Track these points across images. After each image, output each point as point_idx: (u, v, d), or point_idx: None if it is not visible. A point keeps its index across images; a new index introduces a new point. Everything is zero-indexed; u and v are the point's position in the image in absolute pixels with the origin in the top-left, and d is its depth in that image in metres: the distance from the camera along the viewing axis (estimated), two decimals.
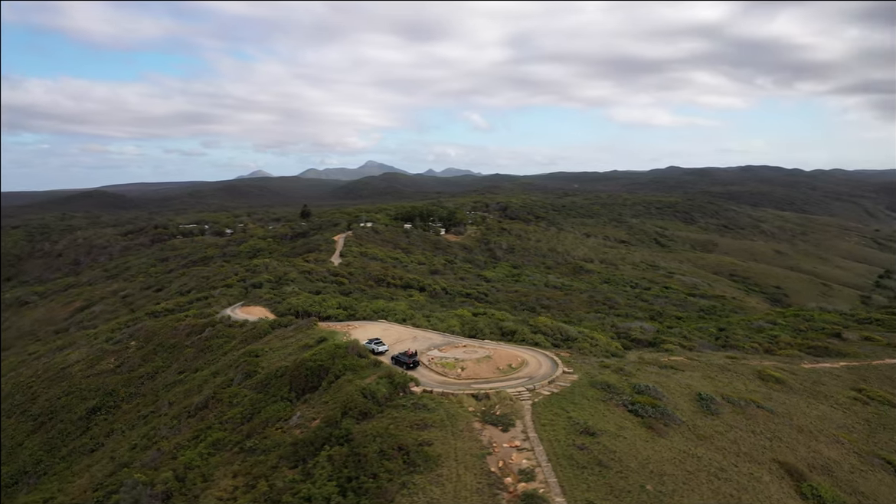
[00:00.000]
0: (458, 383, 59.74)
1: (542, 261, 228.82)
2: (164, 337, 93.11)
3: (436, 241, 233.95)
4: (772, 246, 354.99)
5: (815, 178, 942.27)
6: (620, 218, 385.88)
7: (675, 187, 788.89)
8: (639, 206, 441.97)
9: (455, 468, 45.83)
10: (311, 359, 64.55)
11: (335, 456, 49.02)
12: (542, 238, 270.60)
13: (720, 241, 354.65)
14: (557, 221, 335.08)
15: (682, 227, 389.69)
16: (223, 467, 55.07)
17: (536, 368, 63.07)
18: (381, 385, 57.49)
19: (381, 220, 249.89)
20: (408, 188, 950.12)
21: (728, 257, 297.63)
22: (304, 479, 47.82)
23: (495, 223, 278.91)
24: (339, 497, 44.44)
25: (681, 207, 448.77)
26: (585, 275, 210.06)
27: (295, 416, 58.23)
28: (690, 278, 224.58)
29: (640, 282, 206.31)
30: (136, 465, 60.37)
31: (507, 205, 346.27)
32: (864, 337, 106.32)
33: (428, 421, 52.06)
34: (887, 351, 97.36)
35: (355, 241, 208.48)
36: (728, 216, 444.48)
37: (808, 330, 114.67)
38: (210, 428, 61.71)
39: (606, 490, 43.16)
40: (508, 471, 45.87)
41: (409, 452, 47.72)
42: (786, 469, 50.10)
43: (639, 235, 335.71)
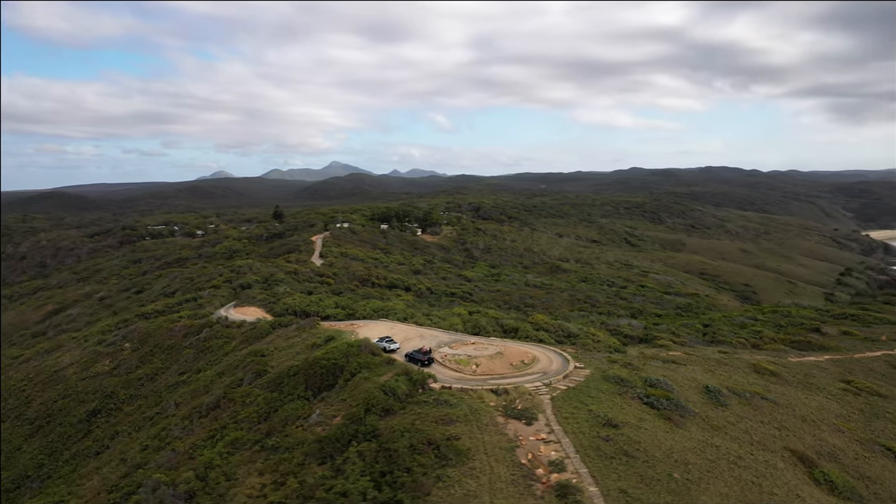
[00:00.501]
0: (475, 379, 60.84)
1: (520, 261, 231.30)
2: (160, 338, 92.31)
3: (413, 241, 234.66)
4: (738, 245, 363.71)
5: (774, 179, 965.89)
6: (591, 218, 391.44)
7: (641, 188, 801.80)
8: (607, 206, 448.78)
9: (486, 461, 46.93)
10: (325, 357, 65.03)
11: (365, 452, 49.74)
12: (518, 238, 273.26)
13: (688, 240, 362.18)
14: (530, 221, 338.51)
15: (651, 227, 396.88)
16: (245, 466, 55.34)
17: (548, 364, 64.50)
18: (400, 382, 58.30)
19: (357, 221, 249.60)
20: (374, 189, 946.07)
21: (697, 256, 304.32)
22: (335, 475, 48.44)
23: (470, 224, 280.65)
24: (374, 491, 45.21)
25: (648, 207, 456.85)
26: (563, 274, 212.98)
27: (314, 413, 58.68)
28: (664, 277, 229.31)
29: (617, 280, 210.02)
30: (150, 465, 60.18)
31: (479, 205, 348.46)
32: (843, 332, 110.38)
33: (452, 416, 53.05)
34: (865, 345, 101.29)
35: (334, 242, 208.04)
36: (694, 216, 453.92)
37: (787, 325, 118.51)
38: (225, 427, 61.80)
39: (637, 479, 44.71)
40: (538, 463, 47.13)
41: (439, 447, 48.68)
42: (797, 456, 52.35)
43: (609, 235, 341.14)
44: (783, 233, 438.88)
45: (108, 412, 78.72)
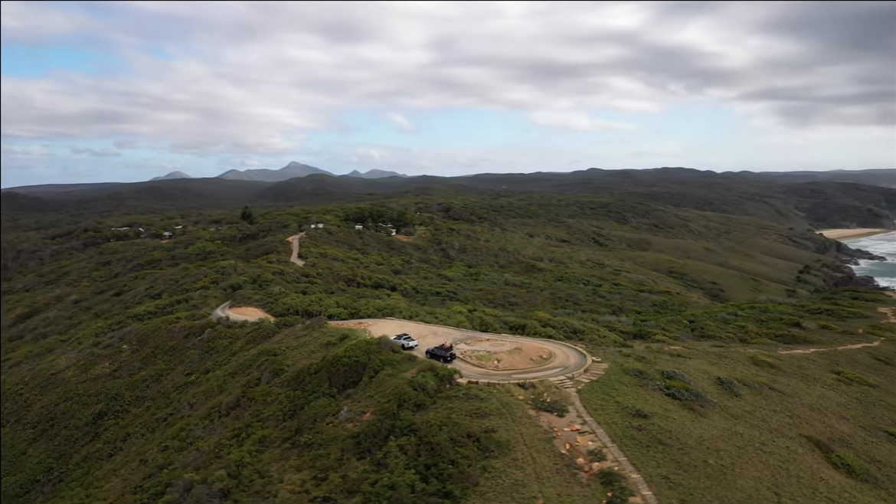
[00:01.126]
0: (498, 374, 62.33)
1: (495, 260, 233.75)
2: (160, 340, 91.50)
3: (389, 241, 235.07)
4: (701, 244, 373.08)
5: (728, 180, 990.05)
6: (558, 218, 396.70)
7: (602, 188, 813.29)
8: (573, 206, 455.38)
9: (527, 452, 48.42)
10: (346, 355, 65.69)
11: (406, 446, 50.76)
12: (491, 238, 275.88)
13: (653, 239, 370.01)
14: (499, 222, 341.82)
15: (617, 227, 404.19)
16: (277, 463, 55.83)
17: (566, 359, 66.36)
18: (427, 377, 59.41)
19: (331, 222, 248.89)
20: (337, 189, 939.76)
21: (664, 255, 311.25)
22: (378, 469, 49.34)
23: (444, 224, 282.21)
24: (422, 484, 46.30)
25: (613, 208, 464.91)
26: (538, 273, 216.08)
27: (343, 410, 59.37)
28: (636, 275, 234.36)
29: (591, 279, 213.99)
30: (175, 465, 60.14)
31: (449, 206, 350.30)
32: (822, 326, 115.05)
33: (485, 410, 54.40)
34: (845, 338, 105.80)
35: (311, 243, 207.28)
36: (657, 216, 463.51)
37: (768, 320, 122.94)
38: (249, 426, 62.07)
39: (675, 465, 46.75)
40: (577, 452, 48.83)
41: (479, 439, 49.99)
42: (813, 442, 55.13)
43: (578, 235, 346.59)
44: (742, 232, 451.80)
45: (115, 414, 77.94)
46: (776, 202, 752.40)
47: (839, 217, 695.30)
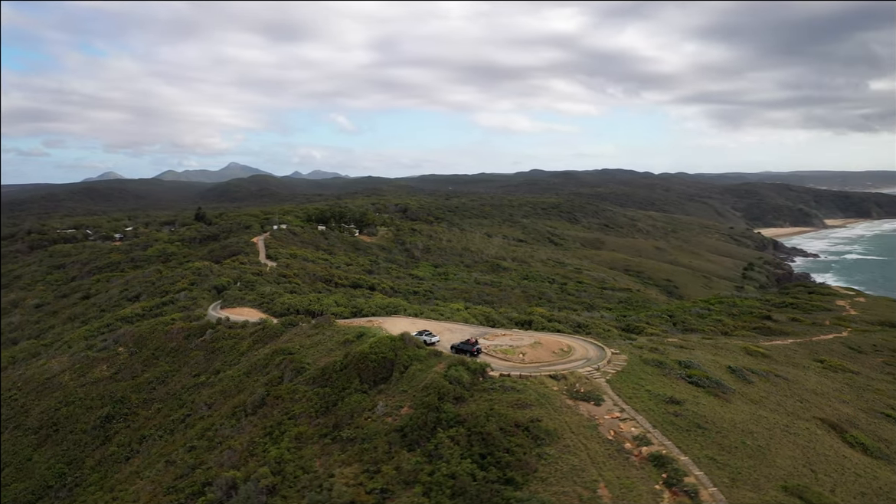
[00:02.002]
0: (526, 367, 64.35)
1: (460, 260, 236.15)
2: (159, 341, 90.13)
3: (354, 242, 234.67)
4: (651, 243, 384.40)
5: (668, 181, 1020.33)
6: (513, 218, 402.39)
7: (547, 189, 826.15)
8: (525, 207, 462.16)
9: (576, 439, 50.61)
10: (373, 352, 66.51)
11: (456, 436, 52.24)
12: (453, 238, 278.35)
13: (606, 238, 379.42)
14: (456, 222, 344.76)
15: (570, 227, 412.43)
16: (320, 458, 56.49)
17: (585, 352, 68.93)
18: (460, 371, 60.95)
19: (293, 223, 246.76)
20: (282, 190, 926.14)
21: (618, 254, 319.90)
22: (431, 460, 50.68)
23: (405, 224, 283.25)
24: (481, 472, 47.94)
25: (564, 208, 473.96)
26: (504, 272, 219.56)
27: (378, 405, 60.31)
28: (596, 274, 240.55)
29: (556, 278, 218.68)
30: (208, 465, 60.03)
31: (406, 206, 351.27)
32: (791, 318, 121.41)
33: (524, 400, 56.33)
34: (816, 329, 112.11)
35: (277, 244, 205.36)
36: (607, 216, 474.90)
37: (739, 314, 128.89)
38: (281, 424, 62.37)
39: (717, 447, 49.74)
40: (623, 438, 51.28)
41: (527, 428, 51.91)
42: (828, 424, 59.11)
43: (533, 235, 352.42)
44: (688, 231, 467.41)
45: (124, 417, 76.70)
46: (714, 202, 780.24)
47: (773, 216, 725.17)
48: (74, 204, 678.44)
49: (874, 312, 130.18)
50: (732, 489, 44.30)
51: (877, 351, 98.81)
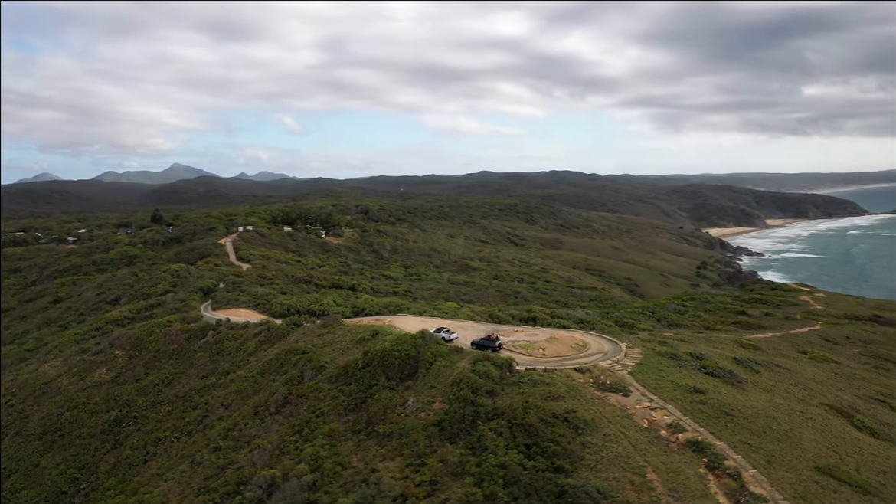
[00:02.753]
0: (548, 361, 66.40)
1: (429, 260, 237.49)
2: (158, 344, 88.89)
3: (322, 243, 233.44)
4: (608, 243, 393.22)
5: (616, 182, 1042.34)
6: (472, 219, 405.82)
7: (499, 190, 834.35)
8: (483, 207, 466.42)
9: (615, 428, 52.84)
10: (395, 349, 67.42)
11: (498, 428, 53.82)
12: (419, 239, 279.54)
13: (565, 239, 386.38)
14: (417, 223, 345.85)
15: (528, 227, 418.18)
16: (357, 454, 57.27)
17: (600, 346, 71.39)
18: (488, 366, 62.58)
19: (258, 224, 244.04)
20: (231, 192, 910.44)
21: (578, 253, 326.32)
22: (475, 452, 52.13)
23: (371, 226, 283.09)
24: (530, 462, 49.64)
25: (521, 209, 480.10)
26: (474, 272, 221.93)
27: (409, 401, 61.37)
28: (562, 273, 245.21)
29: (525, 277, 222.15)
30: (239, 464, 60.07)
31: (367, 208, 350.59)
32: (765, 313, 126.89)
33: (556, 393, 58.31)
34: (790, 323, 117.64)
35: (246, 245, 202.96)
36: (563, 216, 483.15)
37: (714, 310, 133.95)
38: (310, 422, 62.78)
39: (747, 433, 52.64)
40: (658, 426, 53.75)
41: (566, 419, 53.86)
42: (835, 409, 62.86)
43: (494, 235, 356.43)
44: (641, 231, 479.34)
45: (133, 421, 75.67)
46: (661, 203, 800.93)
47: (717, 217, 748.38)
48: (14, 206, 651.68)
49: (837, 307, 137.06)
50: (770, 470, 47.12)
51: (850, 342, 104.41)
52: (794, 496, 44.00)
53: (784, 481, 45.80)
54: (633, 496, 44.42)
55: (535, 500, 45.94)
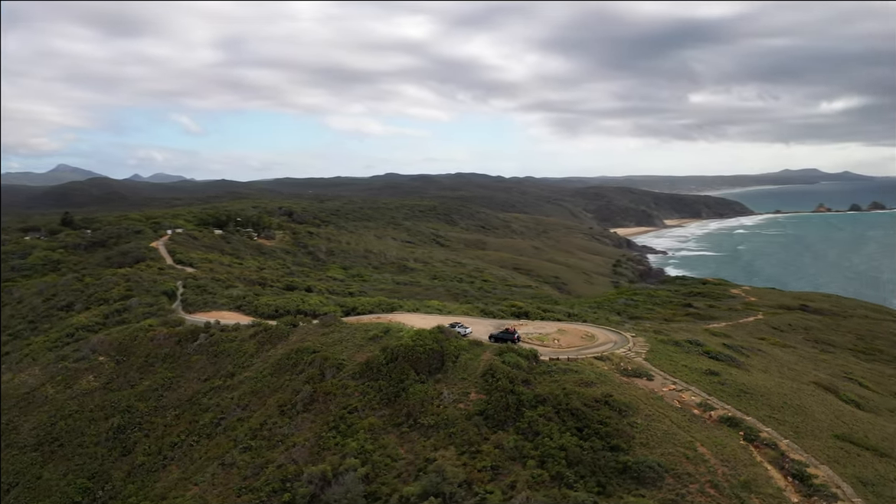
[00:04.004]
0: (565, 351, 70.21)
1: (367, 262, 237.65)
2: (146, 348, 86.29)
3: (256, 245, 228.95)
4: (529, 243, 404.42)
5: (523, 184, 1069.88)
6: (395, 221, 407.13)
7: (410, 192, 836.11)
8: (403, 209, 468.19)
9: (652, 409, 57.18)
10: (418, 344, 69.15)
11: (547, 414, 57.03)
12: (351, 241, 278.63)
13: (487, 239, 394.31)
14: (342, 225, 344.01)
15: (450, 229, 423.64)
16: (403, 446, 59.06)
17: (607, 337, 75.94)
18: (516, 358, 65.70)
19: (186, 227, 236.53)
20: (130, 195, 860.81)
21: (503, 253, 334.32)
22: (529, 437, 55.10)
23: (301, 228, 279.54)
24: (586, 442, 53.12)
25: (440, 210, 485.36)
26: (413, 273, 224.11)
27: (444, 393, 63.54)
28: (496, 272, 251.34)
29: (462, 277, 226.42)
30: (279, 463, 60.35)
31: (290, 210, 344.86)
32: (709, 305, 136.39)
33: (587, 380, 62.19)
34: (735, 314, 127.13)
35: (181, 248, 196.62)
36: (482, 217, 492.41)
37: (662, 304, 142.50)
38: (343, 418, 63.77)
39: (769, 408, 58.28)
40: (689, 406, 58.54)
41: (607, 402, 57.81)
42: (822, 386, 69.97)
43: (419, 237, 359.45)
44: (556, 231, 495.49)
45: (137, 426, 73.77)
46: (568, 204, 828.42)
47: (620, 217, 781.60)
48: None
49: (769, 299, 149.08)
50: (800, 440, 52.74)
51: (793, 329, 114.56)
52: (828, 460, 49.62)
53: (815, 448, 51.43)
54: (690, 468, 48.71)
55: (601, 478, 49.44)
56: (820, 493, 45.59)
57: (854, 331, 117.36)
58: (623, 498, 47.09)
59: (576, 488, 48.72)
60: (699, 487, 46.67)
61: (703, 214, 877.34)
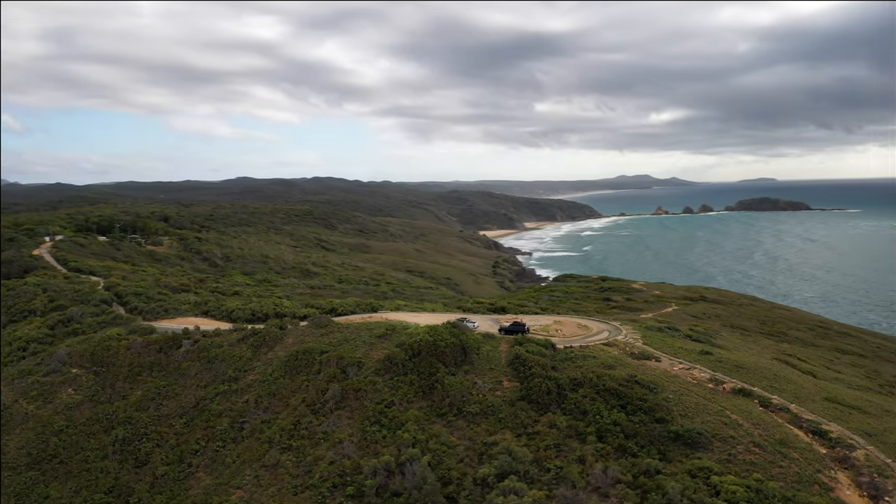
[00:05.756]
0: (569, 340, 76.25)
1: (268, 267, 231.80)
2: (127, 358, 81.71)
3: (147, 252, 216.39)
4: (411, 246, 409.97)
5: (385, 188, 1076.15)
6: (275, 226, 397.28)
7: (272, 196, 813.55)
8: (280, 214, 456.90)
9: (675, 385, 64.56)
10: (438, 339, 72.11)
11: (589, 394, 62.64)
12: (244, 246, 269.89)
13: (370, 243, 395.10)
14: (222, 230, 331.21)
15: (330, 233, 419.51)
16: (453, 434, 62.39)
17: (599, 327, 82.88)
18: (537, 347, 70.91)
19: (66, 233, 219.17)
20: None
21: (391, 256, 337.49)
22: (578, 416, 60.59)
23: (190, 234, 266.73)
24: (635, 417, 59.34)
25: (317, 214, 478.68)
26: (317, 277, 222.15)
27: (477, 383, 67.46)
28: (396, 275, 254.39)
29: (367, 279, 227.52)
30: (330, 459, 61.60)
31: (166, 215, 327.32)
32: (626, 298, 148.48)
33: (607, 363, 68.63)
34: (653, 305, 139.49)
35: (71, 256, 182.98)
36: (359, 222, 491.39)
37: (582, 298, 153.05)
38: (382, 412, 65.78)
39: (765, 380, 67.59)
40: (702, 381, 66.48)
41: (636, 381, 64.49)
42: (782, 361, 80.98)
43: (303, 241, 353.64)
44: (432, 234, 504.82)
45: (144, 437, 70.92)
46: (433, 208, 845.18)
47: (483, 220, 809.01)
48: None
49: (669, 291, 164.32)
50: (802, 403, 62.17)
51: (707, 317, 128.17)
52: (833, 419, 59.16)
53: (817, 410, 60.92)
54: (731, 431, 56.28)
55: (660, 446, 55.79)
56: (840, 444, 54.59)
57: (755, 317, 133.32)
58: (683, 462, 53.64)
59: (640, 456, 54.69)
60: (745, 447, 54.15)
61: (558, 217, 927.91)
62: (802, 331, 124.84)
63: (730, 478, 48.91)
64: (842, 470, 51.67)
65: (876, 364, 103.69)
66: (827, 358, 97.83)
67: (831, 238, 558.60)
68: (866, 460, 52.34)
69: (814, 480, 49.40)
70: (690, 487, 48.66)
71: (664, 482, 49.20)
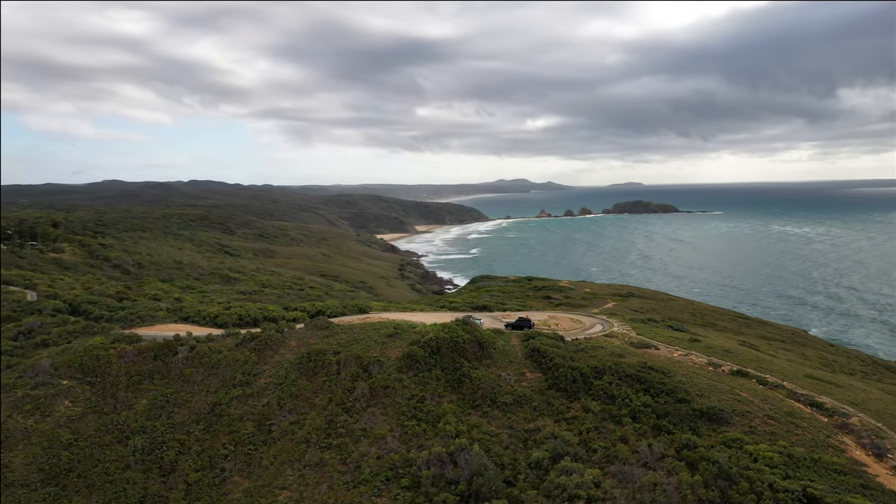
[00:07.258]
0: (571, 333, 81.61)
1: (185, 273, 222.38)
2: (122, 367, 78.35)
3: (55, 261, 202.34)
4: (316, 250, 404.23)
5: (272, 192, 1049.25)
6: (172, 231, 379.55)
7: (152, 201, 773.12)
8: (173, 218, 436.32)
9: (683, 369, 71.35)
10: (454, 336, 75.40)
11: (614, 381, 68.08)
12: (153, 252, 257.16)
13: (274, 248, 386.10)
14: (118, 235, 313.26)
15: (231, 238, 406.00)
16: (492, 423, 66.14)
17: (590, 321, 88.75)
18: (549, 340, 75.71)
19: None
20: None
21: (301, 261, 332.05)
22: (607, 402, 65.97)
23: (91, 240, 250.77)
24: (661, 398, 65.39)
25: (213, 219, 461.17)
26: (241, 283, 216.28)
27: (502, 375, 71.39)
28: (315, 279, 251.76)
29: (290, 284, 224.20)
30: (375, 455, 63.38)
31: (56, 221, 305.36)
32: (565, 296, 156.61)
33: (616, 352, 74.52)
34: (592, 302, 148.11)
35: None
36: (257, 226, 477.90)
37: (524, 296, 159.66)
38: (416, 407, 68.29)
39: (753, 362, 75.74)
40: (702, 365, 73.67)
41: (651, 367, 70.72)
42: (746, 345, 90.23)
43: (204, 247, 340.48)
44: (334, 238, 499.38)
45: (164, 445, 69.29)
46: (323, 212, 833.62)
47: (375, 224, 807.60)
48: None
49: (597, 289, 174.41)
50: (791, 381, 70.61)
51: (646, 311, 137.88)
52: (820, 392, 67.84)
53: (805, 386, 69.49)
54: (745, 407, 63.46)
55: (690, 423, 62.03)
56: (837, 413, 63.00)
57: (684, 310, 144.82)
58: (713, 437, 60.11)
59: (675, 433, 60.64)
60: (761, 420, 61.33)
61: (447, 220, 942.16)
62: (727, 321, 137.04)
63: (763, 446, 55.52)
64: (845, 435, 59.76)
65: (800, 349, 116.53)
66: (765, 345, 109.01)
67: (696, 238, 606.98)
68: (862, 426, 60.83)
69: (828, 444, 56.98)
70: (734, 456, 54.83)
71: (711, 453, 55.10)
